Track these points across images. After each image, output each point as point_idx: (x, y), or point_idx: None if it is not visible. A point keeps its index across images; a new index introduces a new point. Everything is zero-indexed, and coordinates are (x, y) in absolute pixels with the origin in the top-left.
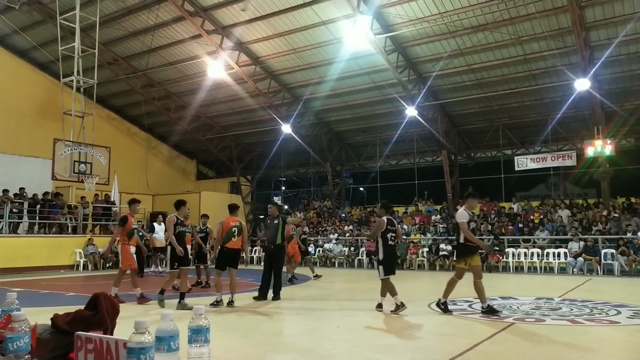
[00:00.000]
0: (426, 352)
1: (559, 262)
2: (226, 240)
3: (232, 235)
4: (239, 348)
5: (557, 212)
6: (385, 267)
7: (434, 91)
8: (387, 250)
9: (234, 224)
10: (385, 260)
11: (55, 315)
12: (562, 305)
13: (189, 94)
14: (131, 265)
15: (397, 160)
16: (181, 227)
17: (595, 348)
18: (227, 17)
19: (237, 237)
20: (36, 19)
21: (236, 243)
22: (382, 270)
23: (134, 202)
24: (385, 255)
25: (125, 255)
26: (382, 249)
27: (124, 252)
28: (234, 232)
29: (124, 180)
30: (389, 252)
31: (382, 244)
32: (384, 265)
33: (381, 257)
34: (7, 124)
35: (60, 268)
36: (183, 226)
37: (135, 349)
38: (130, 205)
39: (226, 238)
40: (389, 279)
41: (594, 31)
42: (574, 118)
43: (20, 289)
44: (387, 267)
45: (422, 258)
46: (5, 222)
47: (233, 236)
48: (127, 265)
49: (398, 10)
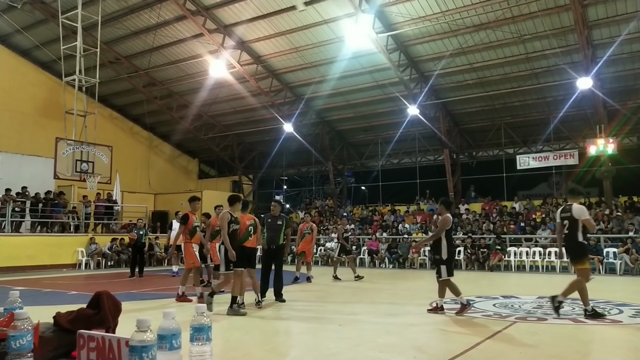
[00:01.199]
0: (427, 351)
1: (561, 261)
2: (244, 240)
3: (248, 234)
4: (241, 347)
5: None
6: (449, 268)
7: (435, 90)
8: (452, 249)
9: (250, 222)
10: (449, 259)
11: (58, 314)
12: (564, 304)
13: (190, 93)
14: (194, 264)
15: (399, 159)
16: (235, 224)
17: (597, 347)
18: (228, 16)
19: (253, 235)
20: (38, 18)
21: (252, 241)
22: (445, 270)
23: (194, 200)
24: (450, 255)
25: (188, 253)
26: (447, 248)
27: (187, 250)
28: (250, 230)
29: (126, 179)
30: (453, 252)
31: (446, 243)
32: (448, 265)
33: (445, 256)
34: (9, 123)
35: (63, 267)
36: (237, 224)
37: (138, 347)
38: (190, 203)
39: (244, 237)
40: (450, 280)
41: (596, 29)
42: (576, 117)
43: (23, 288)
44: (450, 267)
45: (424, 257)
46: (7, 221)
47: (249, 235)
48: (190, 264)
49: (400, 9)
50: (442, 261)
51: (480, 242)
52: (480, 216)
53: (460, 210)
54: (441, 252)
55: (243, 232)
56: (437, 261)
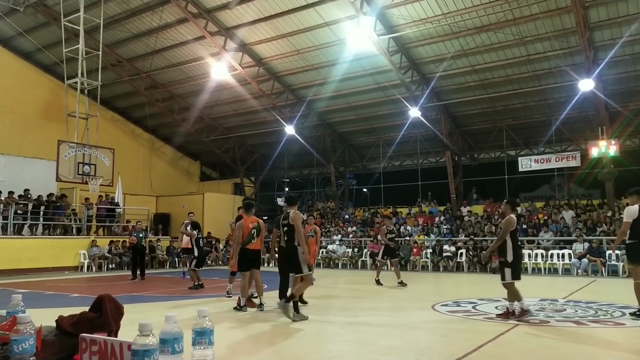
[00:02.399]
0: (430, 353)
1: (563, 263)
2: (247, 242)
3: (252, 236)
4: (243, 349)
5: (561, 213)
6: (514, 271)
7: (437, 92)
8: (518, 251)
9: (253, 224)
10: (514, 262)
11: (60, 317)
12: (567, 306)
13: (192, 96)
14: (233, 267)
15: (400, 161)
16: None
17: (600, 350)
18: (230, 19)
19: (257, 238)
20: (40, 21)
21: (256, 244)
22: (509, 273)
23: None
24: (516, 257)
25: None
26: (512, 250)
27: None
28: (253, 233)
29: (127, 181)
30: (519, 254)
31: (511, 245)
32: (513, 268)
33: (510, 258)
34: (11, 125)
35: (65, 269)
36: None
37: (140, 351)
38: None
39: (247, 240)
40: (514, 283)
41: (598, 31)
42: (578, 119)
43: (25, 290)
44: (515, 270)
45: (426, 259)
46: (10, 223)
47: (253, 237)
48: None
49: (401, 11)
50: (507, 264)
51: (482, 244)
52: (482, 218)
53: (462, 212)
54: (506, 254)
55: (246, 235)
56: (502, 264)
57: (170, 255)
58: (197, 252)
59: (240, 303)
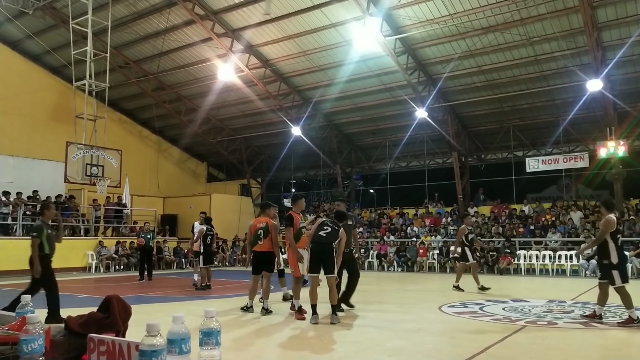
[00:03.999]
0: (436, 355)
1: (571, 265)
2: (253, 243)
3: (257, 237)
4: (249, 350)
5: (569, 214)
6: (622, 273)
7: (444, 93)
8: (621, 252)
9: (260, 225)
10: (620, 264)
11: (69, 317)
12: (575, 308)
13: (199, 97)
14: (294, 273)
15: (407, 162)
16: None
17: (608, 352)
18: (237, 20)
19: (263, 239)
20: (49, 24)
21: (263, 246)
22: (617, 276)
23: (299, 198)
24: (621, 259)
25: (293, 259)
26: (616, 252)
27: (291, 256)
28: (260, 234)
29: (135, 182)
30: (623, 255)
31: (613, 246)
32: (620, 270)
33: (615, 260)
34: (20, 127)
35: (73, 270)
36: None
37: (148, 351)
38: (296, 202)
39: (253, 241)
40: (625, 287)
41: (606, 31)
42: (586, 119)
43: None
44: (623, 272)
45: (433, 260)
46: (19, 224)
47: (259, 239)
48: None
49: (408, 12)
50: (613, 266)
51: (489, 245)
52: (489, 219)
53: (469, 213)
54: (609, 256)
55: (252, 236)
56: (607, 266)
57: (177, 256)
58: (202, 249)
59: (248, 305)
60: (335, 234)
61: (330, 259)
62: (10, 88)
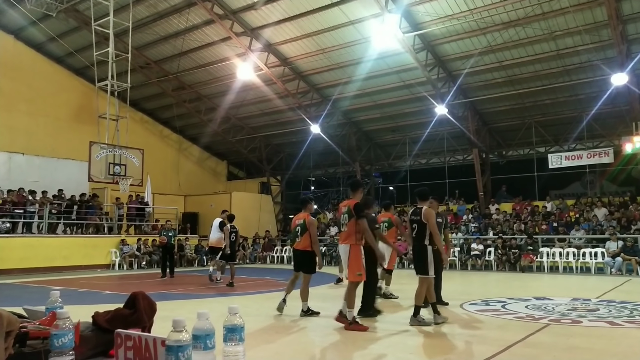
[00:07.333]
0: (458, 353)
1: (596, 262)
2: (292, 241)
3: (296, 234)
4: (272, 348)
5: (593, 210)
6: None
7: (464, 89)
8: None
9: (298, 221)
10: None
11: (96, 313)
12: (600, 306)
13: (219, 96)
14: (361, 277)
15: (427, 159)
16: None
17: (635, 351)
18: (255, 19)
19: (301, 237)
20: (72, 26)
21: (300, 243)
22: None
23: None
24: None
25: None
26: None
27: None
28: (297, 230)
29: (156, 181)
30: None
31: None
32: None
33: None
34: (45, 128)
35: (97, 267)
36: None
37: (174, 346)
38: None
39: (292, 238)
40: None
41: (631, 24)
42: (611, 114)
43: (60, 287)
44: None
45: (454, 257)
46: (45, 222)
47: (297, 236)
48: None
49: (427, 8)
50: None
51: (511, 243)
52: (511, 216)
53: (490, 210)
54: None
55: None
56: None
57: (198, 253)
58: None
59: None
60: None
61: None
62: (36, 90)
